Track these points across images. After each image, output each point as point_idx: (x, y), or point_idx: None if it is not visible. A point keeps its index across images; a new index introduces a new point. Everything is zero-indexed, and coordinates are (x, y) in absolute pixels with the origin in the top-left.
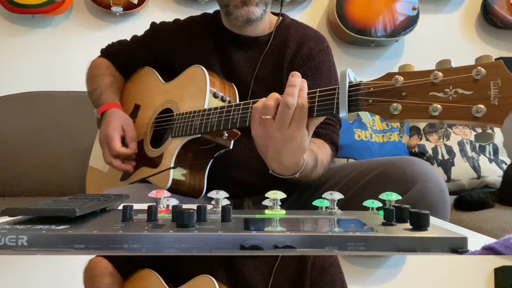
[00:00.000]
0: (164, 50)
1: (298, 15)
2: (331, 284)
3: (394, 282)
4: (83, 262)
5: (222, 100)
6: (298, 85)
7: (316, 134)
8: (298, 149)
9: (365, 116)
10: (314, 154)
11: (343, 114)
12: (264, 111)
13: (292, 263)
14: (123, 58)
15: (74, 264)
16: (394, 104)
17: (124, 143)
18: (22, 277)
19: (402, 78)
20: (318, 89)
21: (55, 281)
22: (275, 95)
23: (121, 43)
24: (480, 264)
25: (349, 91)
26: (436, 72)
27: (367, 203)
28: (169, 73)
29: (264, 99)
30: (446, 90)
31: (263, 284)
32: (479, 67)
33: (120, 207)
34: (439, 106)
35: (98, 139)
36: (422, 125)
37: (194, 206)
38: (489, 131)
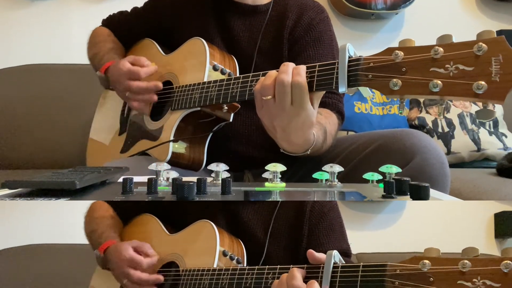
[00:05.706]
0: (164, 21)
1: None
2: (330, 229)
3: (394, 227)
4: (84, 207)
5: (222, 72)
6: (290, 63)
7: (322, 104)
8: (305, 125)
9: (365, 91)
10: (323, 127)
11: (342, 89)
12: (264, 92)
13: (291, 209)
14: (124, 29)
15: (75, 208)
16: (394, 79)
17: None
18: (24, 220)
19: (402, 53)
20: (318, 64)
21: (57, 224)
22: (272, 74)
23: (122, 14)
24: (480, 209)
25: (348, 66)
26: (437, 47)
27: (367, 175)
28: (169, 44)
29: (262, 79)
30: (447, 66)
31: (262, 229)
32: (481, 43)
33: (120, 179)
34: (439, 82)
35: (112, 84)
36: None
37: (194, 179)
38: (490, 107)
